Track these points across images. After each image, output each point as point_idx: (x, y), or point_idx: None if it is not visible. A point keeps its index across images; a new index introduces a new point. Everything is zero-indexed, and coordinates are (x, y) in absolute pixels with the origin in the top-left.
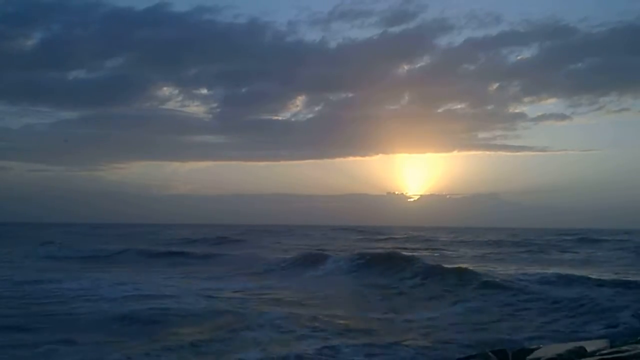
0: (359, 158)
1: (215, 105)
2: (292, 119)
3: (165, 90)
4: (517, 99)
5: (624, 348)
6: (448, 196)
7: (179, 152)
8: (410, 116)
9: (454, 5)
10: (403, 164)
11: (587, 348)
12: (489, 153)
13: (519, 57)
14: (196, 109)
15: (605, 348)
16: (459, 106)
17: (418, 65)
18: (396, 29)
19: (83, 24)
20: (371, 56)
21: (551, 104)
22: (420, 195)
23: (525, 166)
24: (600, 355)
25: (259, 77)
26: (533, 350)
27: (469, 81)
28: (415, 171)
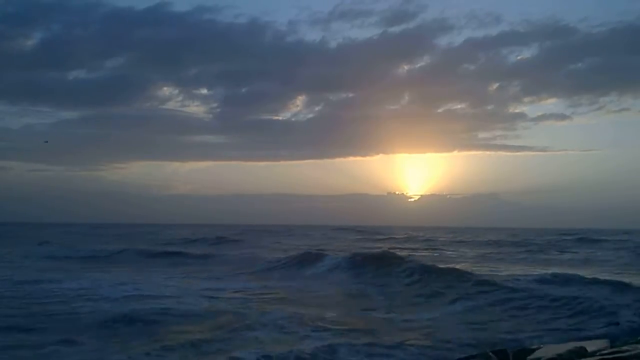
0: (359, 158)
1: (216, 105)
2: (292, 119)
3: (166, 90)
4: (517, 99)
5: (625, 348)
6: (448, 196)
7: (179, 152)
8: (410, 116)
9: (454, 5)
10: (403, 164)
11: (588, 348)
12: (489, 153)
13: (519, 57)
14: (196, 109)
15: (606, 348)
16: (459, 106)
17: (418, 65)
18: (396, 28)
19: (83, 24)
20: (371, 56)
21: (551, 104)
22: (421, 195)
23: (525, 166)
24: (600, 355)
25: (259, 77)
26: (534, 350)
27: (469, 81)
28: (416, 171)
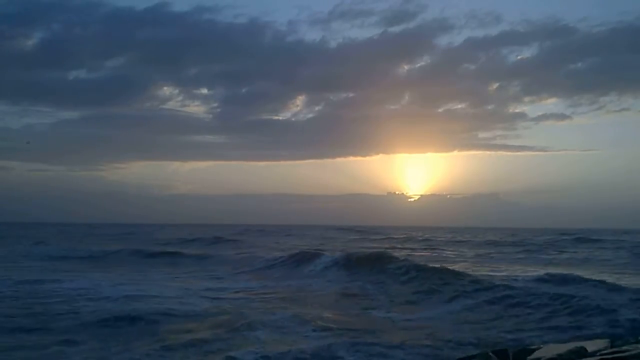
0: (359, 158)
1: (216, 105)
2: (292, 119)
3: (166, 90)
4: (517, 98)
5: (625, 348)
6: (448, 196)
7: (180, 152)
8: (410, 116)
9: (454, 5)
10: (403, 164)
11: (588, 348)
12: (489, 153)
13: (519, 57)
14: (196, 108)
15: (606, 348)
16: (459, 106)
17: (418, 65)
18: (396, 28)
19: (83, 23)
20: (371, 56)
21: (551, 103)
22: (421, 195)
23: (525, 166)
24: (600, 355)
25: (259, 77)
26: (534, 350)
27: (469, 81)
28: (416, 171)
